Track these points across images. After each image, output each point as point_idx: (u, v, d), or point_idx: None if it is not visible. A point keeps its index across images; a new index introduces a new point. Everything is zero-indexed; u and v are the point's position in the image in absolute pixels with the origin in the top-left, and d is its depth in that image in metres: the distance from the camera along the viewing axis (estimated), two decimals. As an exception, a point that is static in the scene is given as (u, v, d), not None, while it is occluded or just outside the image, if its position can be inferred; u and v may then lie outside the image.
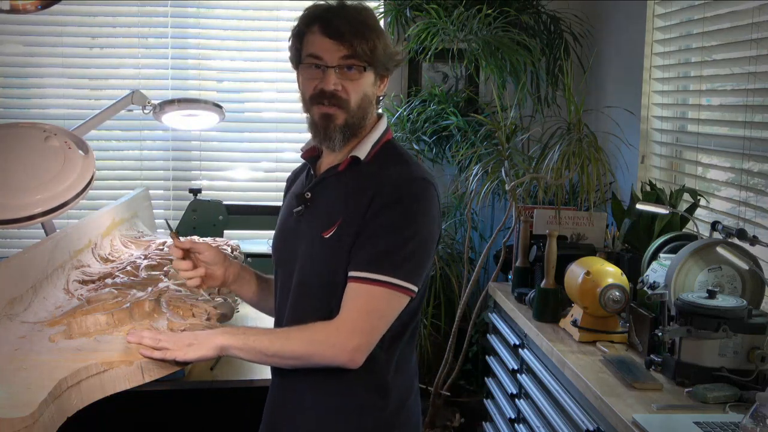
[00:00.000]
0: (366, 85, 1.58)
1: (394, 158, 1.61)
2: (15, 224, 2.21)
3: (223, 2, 3.86)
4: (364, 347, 1.50)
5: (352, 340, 1.48)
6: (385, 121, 1.66)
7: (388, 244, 1.50)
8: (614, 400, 1.85)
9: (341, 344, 1.49)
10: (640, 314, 2.20)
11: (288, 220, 1.68)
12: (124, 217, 2.86)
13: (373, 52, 1.55)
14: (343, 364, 1.51)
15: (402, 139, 3.59)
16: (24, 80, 3.84)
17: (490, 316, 3.04)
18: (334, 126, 1.57)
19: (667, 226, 2.60)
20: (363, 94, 1.58)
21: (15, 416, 1.31)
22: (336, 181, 1.61)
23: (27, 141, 2.36)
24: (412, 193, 1.53)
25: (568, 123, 2.90)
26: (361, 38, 1.54)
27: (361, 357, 1.50)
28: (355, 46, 1.53)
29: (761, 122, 2.43)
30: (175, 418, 2.07)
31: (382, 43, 1.57)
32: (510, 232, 3.15)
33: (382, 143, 1.63)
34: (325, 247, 1.56)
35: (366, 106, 1.60)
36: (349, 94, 1.57)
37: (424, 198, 1.54)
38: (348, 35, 1.53)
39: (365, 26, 1.55)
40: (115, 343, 1.71)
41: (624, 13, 3.38)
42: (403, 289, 1.51)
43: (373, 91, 1.61)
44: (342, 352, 1.49)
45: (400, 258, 1.50)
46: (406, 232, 1.51)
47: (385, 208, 1.51)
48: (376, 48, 1.55)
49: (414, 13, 3.53)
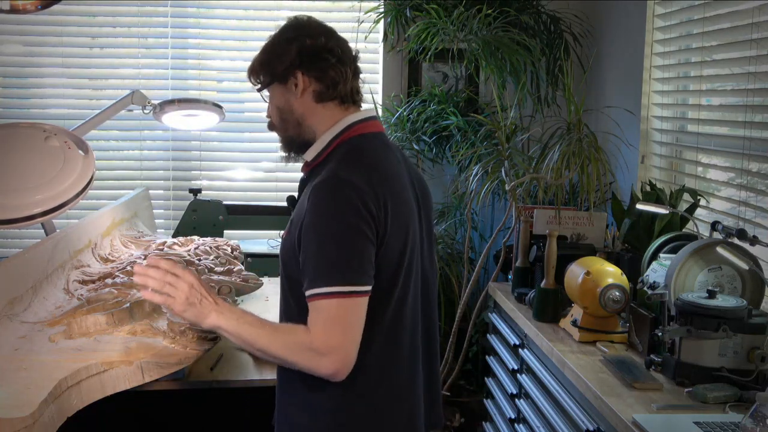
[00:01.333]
0: (274, 98, 1.68)
1: (336, 158, 1.60)
2: (15, 224, 2.22)
3: (223, 2, 3.86)
4: (342, 361, 1.49)
5: (326, 358, 1.49)
6: (346, 121, 1.65)
7: (316, 254, 1.50)
8: (614, 400, 1.85)
9: (319, 361, 1.50)
10: (640, 314, 2.20)
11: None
12: (124, 217, 2.86)
13: (255, 71, 1.68)
14: (327, 378, 1.51)
15: (402, 139, 3.59)
16: (24, 80, 3.84)
17: (490, 316, 3.04)
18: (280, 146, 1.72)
19: (667, 226, 2.60)
20: (276, 108, 1.68)
21: (15, 416, 1.31)
22: (302, 186, 1.70)
23: (27, 141, 2.36)
24: (322, 194, 1.52)
25: (568, 123, 2.90)
26: (249, 73, 1.70)
27: (344, 371, 1.50)
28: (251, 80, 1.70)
29: (761, 122, 2.43)
30: (175, 418, 2.07)
31: (261, 55, 1.67)
32: (510, 232, 3.15)
33: (335, 144, 1.63)
34: (282, 248, 1.62)
35: (287, 116, 1.67)
36: (270, 114, 1.70)
37: (332, 197, 1.50)
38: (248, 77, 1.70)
39: (253, 59, 1.69)
40: (115, 343, 1.71)
41: (624, 13, 3.38)
42: (352, 294, 1.49)
43: (287, 98, 1.66)
44: (321, 367, 1.50)
45: (333, 264, 1.49)
46: (323, 236, 1.50)
47: (307, 213, 1.52)
48: (255, 66, 1.68)
49: (414, 13, 3.53)
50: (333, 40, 1.65)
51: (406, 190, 1.63)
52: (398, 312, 1.60)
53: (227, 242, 2.79)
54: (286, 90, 1.65)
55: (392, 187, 1.57)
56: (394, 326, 1.60)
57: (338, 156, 1.60)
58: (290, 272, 1.59)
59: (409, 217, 1.62)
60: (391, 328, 1.60)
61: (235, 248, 2.75)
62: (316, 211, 1.50)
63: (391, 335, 1.60)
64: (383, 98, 3.87)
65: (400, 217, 1.57)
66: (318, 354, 1.49)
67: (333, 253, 1.49)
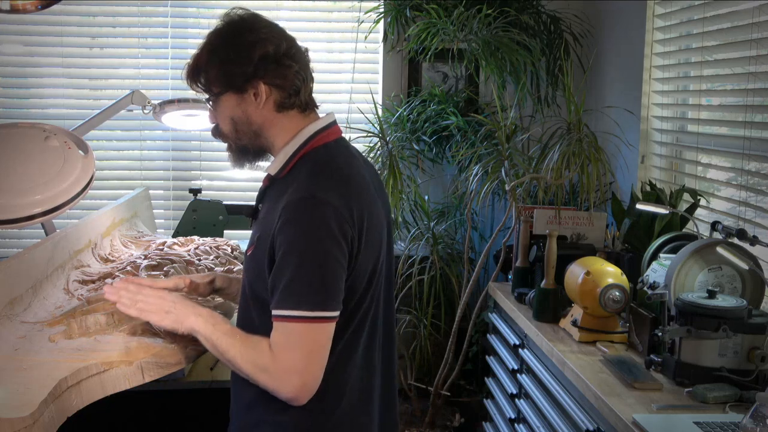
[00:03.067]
0: (227, 109, 1.56)
1: (305, 172, 1.51)
2: (15, 224, 2.21)
3: (223, 2, 3.86)
4: (301, 386, 1.44)
5: (290, 380, 1.44)
6: (309, 131, 1.56)
7: (290, 274, 1.42)
8: (614, 400, 1.85)
9: (279, 382, 1.45)
10: (640, 314, 2.20)
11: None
12: (124, 217, 2.86)
13: (207, 80, 1.56)
14: (287, 401, 1.46)
15: (402, 139, 3.59)
16: (24, 80, 3.84)
17: (490, 316, 3.04)
18: (229, 155, 1.64)
19: (667, 226, 2.60)
20: (229, 119, 1.57)
21: (15, 416, 1.31)
22: (262, 199, 1.61)
23: (27, 141, 2.36)
24: (300, 214, 1.43)
25: (568, 123, 2.90)
26: (192, 78, 1.57)
27: (303, 396, 1.45)
28: (193, 86, 1.58)
29: (761, 122, 2.43)
30: (175, 418, 2.07)
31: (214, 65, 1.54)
32: (510, 232, 3.15)
33: (300, 155, 1.54)
34: (247, 263, 1.56)
35: (242, 127, 1.57)
36: (219, 123, 1.60)
37: (309, 217, 1.43)
38: (187, 79, 1.58)
39: (194, 60, 1.56)
40: (115, 343, 1.71)
41: (624, 13, 3.38)
42: (320, 319, 1.43)
43: (243, 108, 1.55)
44: (282, 389, 1.45)
45: (305, 288, 1.42)
46: (301, 257, 1.42)
47: (280, 231, 1.44)
48: (208, 75, 1.55)
49: (414, 13, 3.53)
50: (291, 42, 1.56)
51: (375, 199, 1.57)
52: (363, 327, 1.56)
53: (227, 242, 2.79)
54: (242, 100, 1.54)
55: (365, 200, 1.51)
56: (356, 341, 1.56)
57: (307, 169, 1.51)
58: (258, 292, 1.52)
59: (381, 229, 1.57)
60: (353, 343, 1.55)
61: (235, 248, 2.75)
62: (291, 231, 1.43)
63: (354, 351, 1.55)
64: (383, 98, 3.87)
65: (373, 232, 1.52)
66: (279, 374, 1.44)
67: (306, 277, 1.42)
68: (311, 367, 1.44)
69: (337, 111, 3.86)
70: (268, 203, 1.57)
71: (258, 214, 1.61)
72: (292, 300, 1.43)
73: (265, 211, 1.56)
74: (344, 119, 3.73)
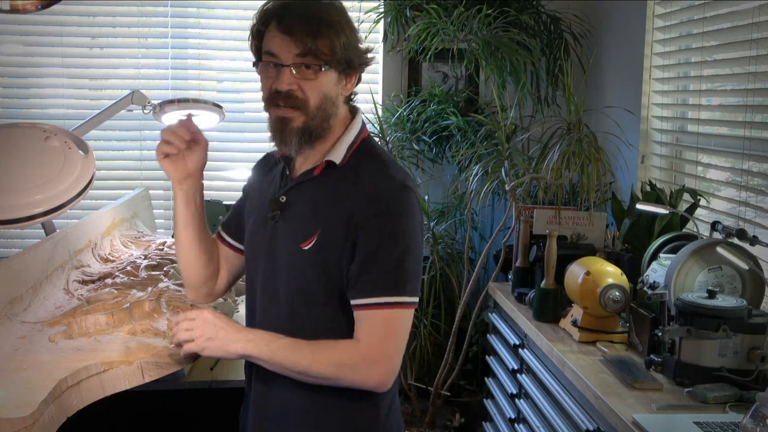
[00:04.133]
0: (326, 85, 1.48)
1: (371, 161, 1.53)
2: (15, 224, 2.21)
3: (223, 2, 3.87)
4: (391, 372, 1.49)
5: (379, 367, 1.47)
6: (360, 119, 1.58)
7: (387, 265, 1.45)
8: (614, 400, 1.85)
9: (369, 372, 1.47)
10: (640, 314, 2.20)
11: (263, 223, 1.61)
12: (124, 217, 2.86)
13: (331, 49, 1.46)
14: (373, 388, 1.49)
15: (402, 139, 3.59)
16: (24, 80, 3.84)
17: (490, 316, 3.04)
18: (290, 129, 1.49)
19: (667, 226, 2.60)
20: (323, 95, 1.48)
21: (15, 416, 1.31)
22: (311, 187, 1.54)
23: (27, 141, 2.36)
24: (395, 205, 1.47)
25: (568, 123, 2.90)
26: (316, 35, 1.44)
27: (390, 381, 1.50)
28: (309, 44, 1.44)
29: (761, 122, 2.43)
30: (175, 418, 2.07)
31: (344, 39, 1.47)
32: (510, 232, 3.15)
33: (357, 143, 1.55)
34: (303, 258, 1.50)
35: (328, 107, 1.50)
36: (307, 94, 1.47)
37: (407, 207, 1.48)
38: (302, 33, 1.44)
39: (322, 23, 1.45)
40: (115, 343, 1.71)
41: (624, 13, 3.38)
42: (411, 305, 1.49)
43: (336, 90, 1.50)
44: (369, 379, 1.48)
45: (402, 276, 1.47)
46: (400, 247, 1.46)
47: (371, 223, 1.45)
48: (334, 45, 1.46)
49: (414, 13, 3.53)
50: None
51: None
52: None
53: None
54: (339, 81, 1.51)
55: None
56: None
57: (372, 159, 1.53)
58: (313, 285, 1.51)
59: None
60: None
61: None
62: (389, 220, 1.46)
63: None
64: (383, 98, 3.87)
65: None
66: (370, 364, 1.46)
67: (408, 264, 1.46)
68: (397, 354, 1.49)
69: (337, 111, 3.87)
70: (312, 193, 1.53)
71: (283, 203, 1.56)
72: (393, 287, 1.46)
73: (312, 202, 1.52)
74: (344, 119, 3.73)
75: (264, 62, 1.50)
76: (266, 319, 1.58)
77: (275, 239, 1.56)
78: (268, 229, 1.58)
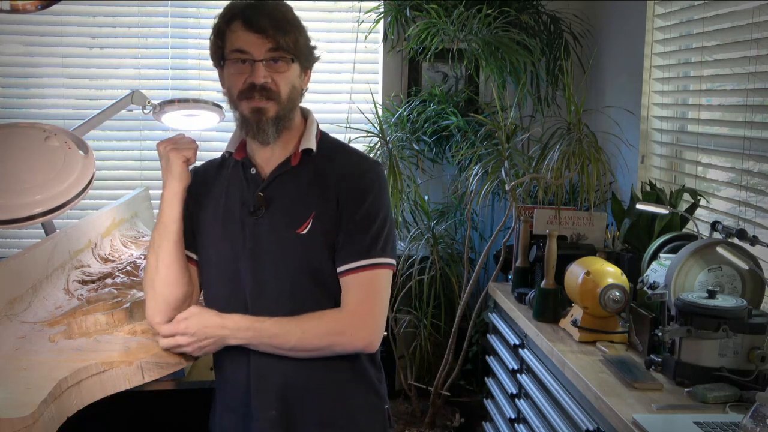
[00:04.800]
0: (293, 77, 1.63)
1: (338, 148, 1.72)
2: (15, 224, 2.21)
3: (223, 2, 3.85)
4: (377, 330, 1.61)
5: (366, 327, 1.59)
6: (313, 115, 1.74)
7: (372, 231, 1.60)
8: (614, 400, 1.85)
9: (357, 332, 1.58)
10: (640, 314, 2.20)
11: (240, 224, 1.65)
12: (124, 217, 2.86)
13: (296, 45, 1.60)
14: (362, 350, 1.61)
15: (402, 139, 3.59)
16: (24, 80, 3.84)
17: (490, 316, 3.04)
18: (266, 119, 1.61)
19: (667, 226, 2.60)
20: (291, 86, 1.62)
21: (15, 416, 1.31)
22: (291, 177, 1.65)
23: (27, 141, 2.36)
24: (376, 180, 1.65)
25: (568, 123, 2.90)
26: (283, 32, 1.58)
27: (377, 339, 1.62)
28: (278, 39, 1.57)
29: (761, 122, 2.43)
30: (175, 418, 2.07)
31: (303, 36, 1.63)
32: (510, 232, 3.15)
33: (319, 136, 1.71)
34: (300, 242, 1.60)
35: (295, 97, 1.64)
36: (279, 85, 1.60)
37: (383, 182, 1.67)
38: (271, 29, 1.57)
39: (285, 20, 1.60)
40: (115, 343, 1.71)
41: (624, 13, 3.38)
42: (391, 266, 1.63)
43: (300, 82, 1.65)
44: (359, 339, 1.59)
45: (384, 240, 1.62)
46: (381, 215, 1.63)
47: (358, 198, 1.61)
48: (298, 41, 1.61)
49: (414, 13, 3.53)
50: None
51: None
52: None
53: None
54: (300, 75, 1.65)
55: None
56: None
57: (339, 145, 1.72)
58: (319, 263, 1.61)
59: None
60: None
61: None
62: (373, 195, 1.62)
63: None
64: (383, 98, 3.87)
65: None
66: (357, 326, 1.58)
67: (387, 231, 1.63)
68: (382, 312, 1.62)
69: (337, 111, 3.87)
70: (295, 181, 1.64)
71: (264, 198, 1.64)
72: (376, 250, 1.60)
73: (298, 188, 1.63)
74: (344, 119, 3.73)
75: (233, 59, 1.61)
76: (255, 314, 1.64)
77: (258, 235, 1.62)
78: (248, 227, 1.64)
